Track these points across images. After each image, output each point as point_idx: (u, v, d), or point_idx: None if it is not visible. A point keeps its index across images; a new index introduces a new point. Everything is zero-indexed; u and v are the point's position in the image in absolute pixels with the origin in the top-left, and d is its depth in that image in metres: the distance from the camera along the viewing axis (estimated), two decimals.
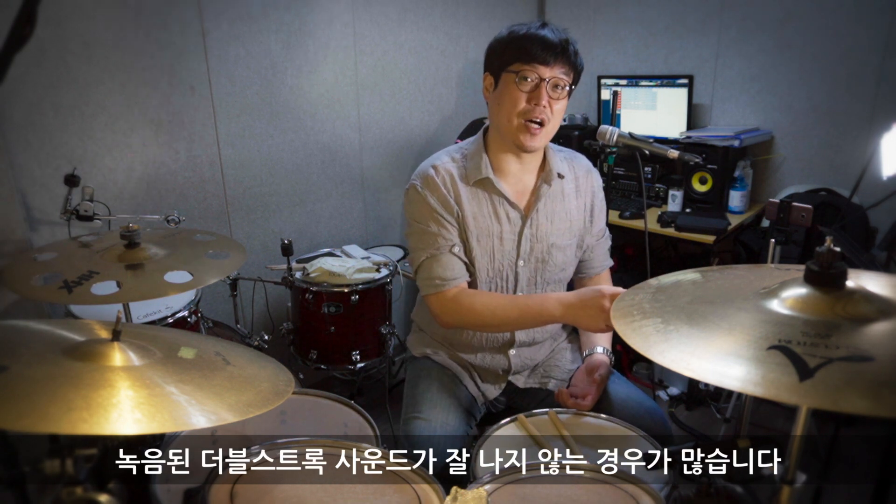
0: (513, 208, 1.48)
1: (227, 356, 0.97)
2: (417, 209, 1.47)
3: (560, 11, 3.31)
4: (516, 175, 1.49)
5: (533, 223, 1.49)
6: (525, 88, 1.36)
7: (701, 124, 2.90)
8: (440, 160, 1.49)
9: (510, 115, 1.38)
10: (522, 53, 1.34)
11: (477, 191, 1.47)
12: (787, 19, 2.59)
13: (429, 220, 1.45)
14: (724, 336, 0.77)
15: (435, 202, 1.44)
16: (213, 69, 2.19)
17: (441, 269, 1.44)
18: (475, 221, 1.46)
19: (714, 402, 2.54)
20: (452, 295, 1.44)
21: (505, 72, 1.38)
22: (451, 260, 1.45)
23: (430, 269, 1.45)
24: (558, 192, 1.51)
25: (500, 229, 1.47)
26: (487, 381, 1.57)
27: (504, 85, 1.39)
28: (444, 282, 1.44)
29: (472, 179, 1.46)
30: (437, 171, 1.46)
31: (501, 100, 1.39)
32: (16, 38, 0.60)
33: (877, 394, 0.62)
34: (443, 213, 1.44)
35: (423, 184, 1.46)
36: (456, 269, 1.45)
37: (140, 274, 1.33)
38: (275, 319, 2.36)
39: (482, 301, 1.44)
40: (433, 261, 1.45)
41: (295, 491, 0.99)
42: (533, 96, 1.36)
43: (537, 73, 1.35)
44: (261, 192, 2.43)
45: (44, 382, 0.73)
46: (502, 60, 1.38)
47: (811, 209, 1.69)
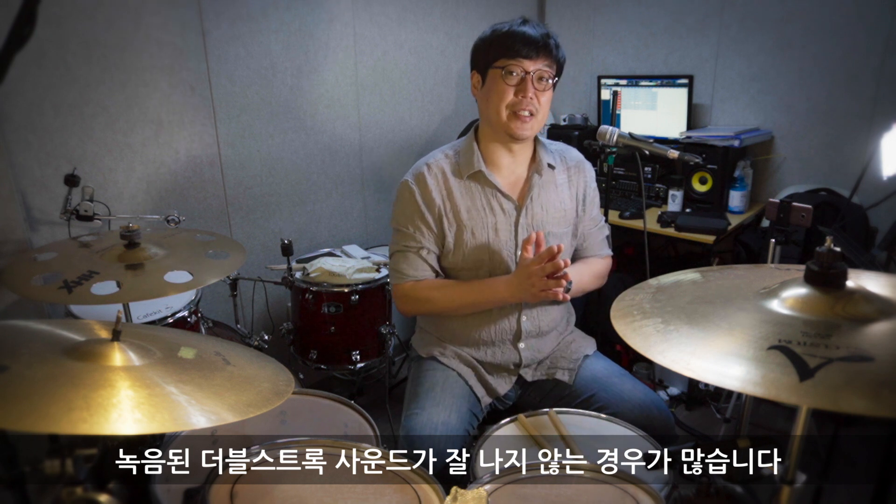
0: (506, 199, 1.52)
1: (227, 356, 0.98)
2: (401, 207, 1.54)
3: (560, 11, 3.31)
4: (508, 167, 1.54)
5: (528, 212, 1.53)
6: (511, 82, 1.42)
7: (701, 124, 2.90)
8: (433, 157, 1.56)
9: (499, 107, 1.44)
10: (506, 50, 1.42)
11: (470, 184, 1.52)
12: (787, 19, 2.59)
13: (407, 221, 1.53)
14: (724, 336, 0.77)
15: (421, 200, 1.51)
16: (213, 69, 2.19)
17: (405, 264, 1.54)
18: (468, 215, 1.51)
19: (714, 402, 2.54)
20: (409, 286, 1.54)
21: (491, 68, 1.45)
22: (417, 260, 1.53)
23: (396, 262, 1.56)
24: (550, 182, 1.56)
25: (495, 220, 1.52)
26: (499, 377, 1.58)
27: (491, 80, 1.45)
28: (402, 276, 1.54)
29: (465, 173, 1.51)
30: (429, 168, 1.53)
31: (489, 95, 1.46)
32: (16, 38, 0.60)
33: (877, 394, 0.62)
34: (425, 213, 1.51)
35: (415, 180, 1.52)
36: (419, 268, 1.54)
37: (140, 274, 1.33)
38: (275, 319, 2.36)
39: (438, 289, 1.53)
40: (401, 255, 1.55)
41: (295, 491, 0.99)
42: (520, 89, 1.42)
43: (522, 66, 1.41)
44: (261, 192, 2.43)
45: (44, 382, 0.73)
46: (487, 58, 1.45)
47: (811, 209, 1.69)
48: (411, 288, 1.54)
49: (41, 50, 1.82)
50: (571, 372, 1.57)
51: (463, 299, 1.52)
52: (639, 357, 2.62)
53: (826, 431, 2.04)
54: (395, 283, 1.57)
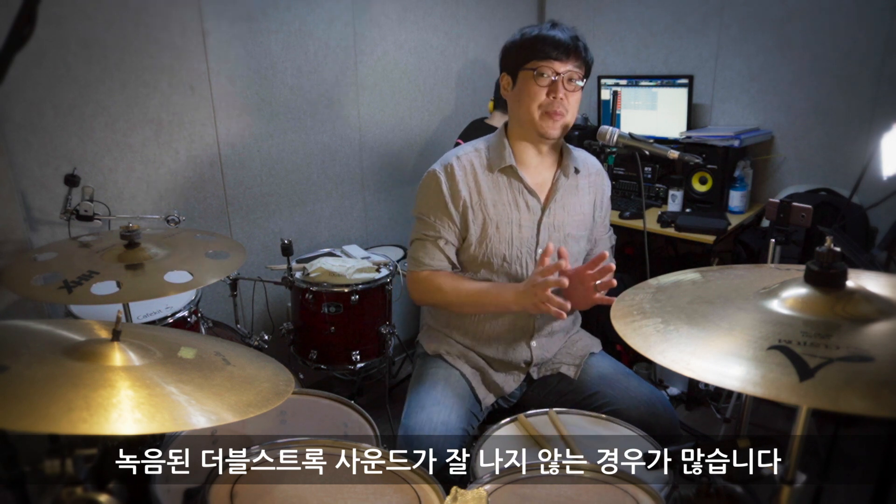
0: (533, 197, 1.54)
1: (227, 356, 0.97)
2: (426, 196, 1.54)
3: (560, 11, 3.31)
4: (536, 167, 1.56)
5: (551, 213, 1.55)
6: (543, 83, 1.44)
7: (701, 124, 2.90)
8: (463, 150, 1.57)
9: (530, 108, 1.46)
10: (538, 52, 1.44)
11: (499, 179, 1.53)
12: (787, 19, 2.59)
13: (430, 211, 1.53)
14: (724, 336, 0.77)
15: (447, 190, 1.51)
16: (213, 69, 2.19)
17: (423, 253, 1.55)
18: (495, 209, 1.52)
19: (714, 402, 2.54)
20: (425, 275, 1.56)
21: (522, 70, 1.47)
22: (434, 250, 1.54)
23: (415, 250, 1.57)
24: (573, 185, 1.59)
25: (520, 217, 1.53)
26: (508, 375, 1.59)
27: (523, 82, 1.47)
28: (420, 264, 1.55)
29: (495, 167, 1.53)
30: (458, 160, 1.53)
31: (521, 95, 1.48)
32: (16, 38, 0.60)
33: (877, 394, 0.62)
34: (449, 204, 1.51)
35: (444, 171, 1.53)
36: (436, 258, 1.55)
37: (140, 274, 1.33)
38: (275, 319, 2.36)
39: (450, 283, 1.54)
40: (420, 244, 1.56)
41: (295, 491, 0.99)
42: (551, 90, 1.45)
43: (553, 68, 1.44)
44: (261, 192, 2.43)
45: (44, 382, 0.73)
46: (518, 60, 1.47)
47: (811, 209, 1.69)
48: (427, 277, 1.55)
49: (41, 50, 1.82)
50: (577, 368, 1.59)
51: (472, 298, 1.52)
52: (639, 357, 2.61)
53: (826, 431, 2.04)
54: (411, 270, 1.59)
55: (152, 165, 2.11)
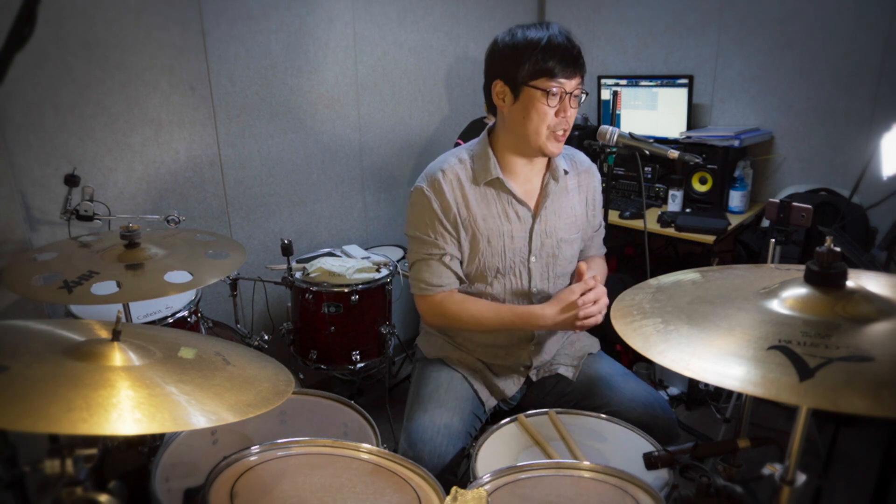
0: (522, 206, 1.50)
1: (227, 356, 0.98)
2: (418, 214, 1.49)
3: (560, 11, 3.31)
4: (525, 175, 1.52)
5: (542, 220, 1.52)
6: (553, 104, 1.38)
7: (701, 124, 2.90)
8: (448, 163, 1.50)
9: (539, 128, 1.40)
10: (546, 70, 1.36)
11: (486, 191, 1.49)
12: (787, 19, 2.59)
13: (427, 228, 1.48)
14: (724, 336, 0.77)
15: (438, 207, 1.46)
16: (213, 69, 2.19)
17: (429, 274, 1.49)
18: (485, 223, 1.48)
19: (714, 402, 2.54)
20: (439, 300, 1.50)
21: (528, 86, 1.38)
22: (440, 268, 1.49)
23: (419, 272, 1.51)
24: (563, 188, 1.56)
25: (511, 228, 1.50)
26: (508, 378, 1.59)
27: (529, 100, 1.39)
28: (429, 287, 1.50)
29: (481, 180, 1.48)
30: (444, 175, 1.47)
31: (528, 113, 1.40)
32: (16, 38, 0.60)
33: (877, 394, 0.62)
34: (444, 220, 1.47)
35: (430, 187, 1.47)
36: (443, 277, 1.49)
37: (140, 274, 1.33)
38: (275, 319, 2.36)
39: (468, 310, 1.50)
40: (423, 264, 1.50)
41: (295, 491, 0.99)
42: (560, 109, 1.39)
43: (563, 88, 1.38)
44: (261, 192, 2.43)
45: (44, 382, 0.73)
46: (521, 73, 1.37)
47: (811, 209, 1.69)
48: (440, 301, 1.50)
49: (41, 50, 1.82)
50: (575, 369, 1.58)
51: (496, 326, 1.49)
52: (639, 357, 2.62)
53: (826, 431, 2.04)
54: (419, 295, 1.52)
55: (152, 165, 2.12)
